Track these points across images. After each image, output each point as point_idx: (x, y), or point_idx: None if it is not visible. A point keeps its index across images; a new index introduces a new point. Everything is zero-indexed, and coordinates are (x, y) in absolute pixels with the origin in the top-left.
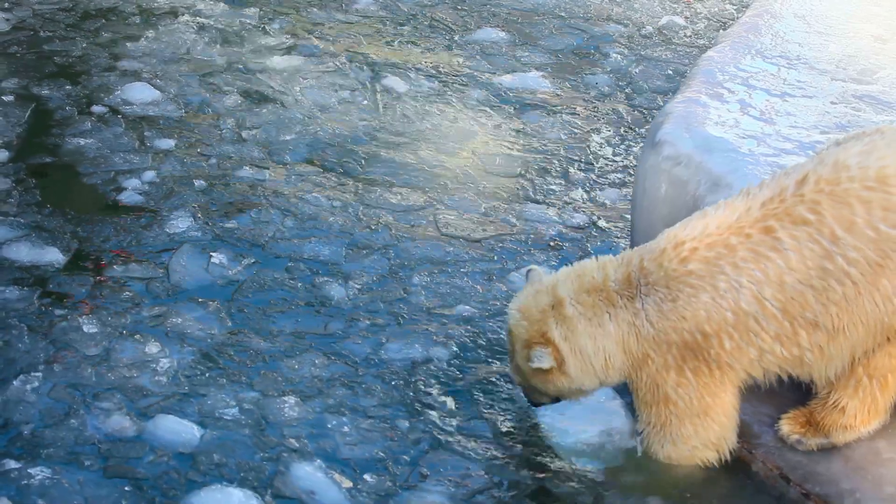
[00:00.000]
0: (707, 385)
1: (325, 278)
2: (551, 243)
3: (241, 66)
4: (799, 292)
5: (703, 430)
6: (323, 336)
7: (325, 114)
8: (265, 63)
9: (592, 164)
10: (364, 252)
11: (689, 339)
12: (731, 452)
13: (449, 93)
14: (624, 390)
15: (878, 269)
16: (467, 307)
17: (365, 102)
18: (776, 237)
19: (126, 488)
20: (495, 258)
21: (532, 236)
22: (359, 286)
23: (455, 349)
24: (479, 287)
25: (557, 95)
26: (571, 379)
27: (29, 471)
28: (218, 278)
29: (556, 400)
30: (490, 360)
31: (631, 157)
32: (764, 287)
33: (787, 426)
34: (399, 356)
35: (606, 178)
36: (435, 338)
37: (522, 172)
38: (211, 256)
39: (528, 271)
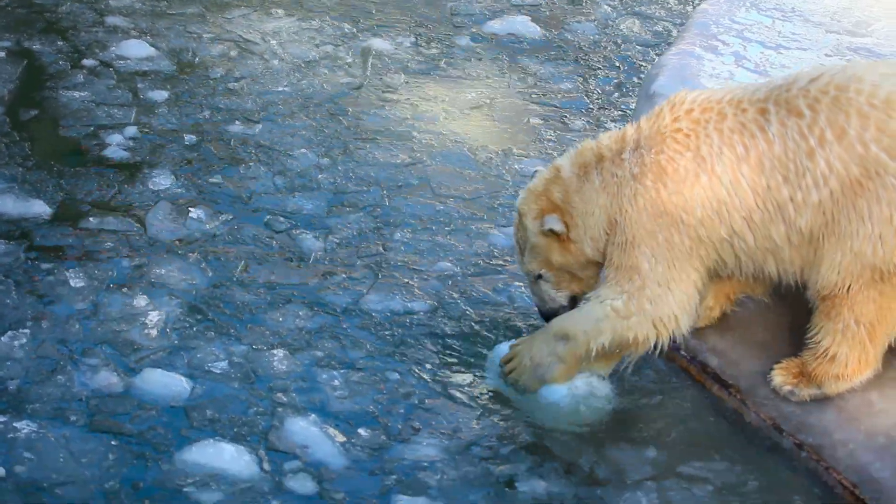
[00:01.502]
0: (677, 257)
1: (303, 230)
2: None
3: (229, 22)
4: (775, 181)
5: (659, 302)
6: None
7: (311, 69)
8: (255, 19)
9: (588, 113)
10: (347, 209)
11: (665, 196)
12: (672, 338)
13: (436, 45)
14: None
15: (858, 188)
16: (448, 263)
17: (349, 59)
18: (767, 119)
19: (113, 443)
20: (485, 216)
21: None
22: (337, 240)
23: (435, 303)
24: (461, 244)
25: (548, 44)
26: (578, 246)
27: (15, 425)
28: (195, 232)
29: (572, 304)
30: (473, 313)
31: (627, 109)
32: (742, 163)
33: (780, 377)
34: (379, 307)
35: (603, 128)
36: (416, 292)
37: (518, 123)
38: (189, 212)
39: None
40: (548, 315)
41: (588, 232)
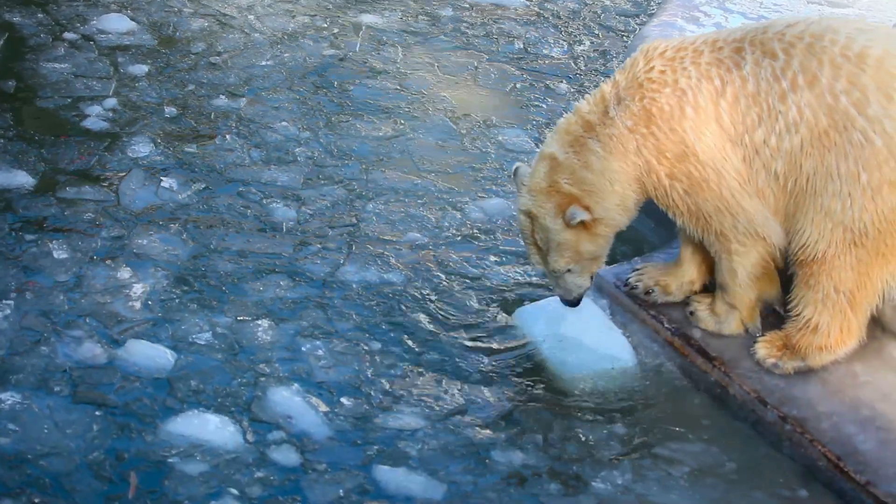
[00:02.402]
0: (707, 189)
1: (277, 201)
2: None
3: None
4: (751, 120)
5: (744, 227)
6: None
7: (294, 43)
8: None
9: (572, 82)
10: (322, 182)
11: (663, 138)
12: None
13: (423, 16)
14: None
15: (826, 140)
16: (418, 235)
17: (334, 31)
18: (743, 57)
19: (98, 413)
20: (462, 190)
21: (508, 164)
22: (310, 211)
23: (410, 273)
24: (433, 217)
25: (530, 13)
26: (605, 221)
27: None
28: (168, 202)
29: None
30: (446, 283)
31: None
32: (720, 97)
33: (764, 350)
34: (356, 278)
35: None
36: (391, 262)
37: (501, 93)
38: (161, 181)
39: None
40: (575, 302)
41: (613, 200)
